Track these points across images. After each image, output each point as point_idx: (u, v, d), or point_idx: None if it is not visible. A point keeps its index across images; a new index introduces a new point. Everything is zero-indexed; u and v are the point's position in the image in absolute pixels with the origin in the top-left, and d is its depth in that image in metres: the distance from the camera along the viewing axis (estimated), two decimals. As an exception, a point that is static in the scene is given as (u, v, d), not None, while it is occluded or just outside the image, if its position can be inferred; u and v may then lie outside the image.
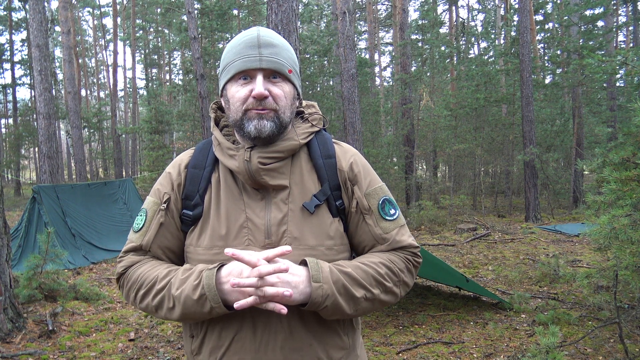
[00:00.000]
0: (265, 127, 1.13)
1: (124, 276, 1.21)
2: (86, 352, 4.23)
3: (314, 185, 1.20)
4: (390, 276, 1.16)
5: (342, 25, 10.94)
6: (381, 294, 1.15)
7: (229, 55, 1.18)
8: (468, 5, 27.36)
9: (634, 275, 3.61)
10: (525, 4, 11.78)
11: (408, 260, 1.22)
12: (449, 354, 4.04)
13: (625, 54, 4.92)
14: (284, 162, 1.19)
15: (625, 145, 3.83)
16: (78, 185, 8.98)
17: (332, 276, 1.08)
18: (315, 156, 1.23)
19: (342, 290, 1.08)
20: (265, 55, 1.14)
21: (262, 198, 1.18)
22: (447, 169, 22.05)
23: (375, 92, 23.67)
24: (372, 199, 1.22)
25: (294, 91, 1.21)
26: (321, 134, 1.28)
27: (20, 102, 27.40)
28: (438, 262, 4.77)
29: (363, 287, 1.11)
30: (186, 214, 1.22)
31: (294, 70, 1.20)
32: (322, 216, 1.18)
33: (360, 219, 1.21)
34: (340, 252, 1.18)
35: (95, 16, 32.30)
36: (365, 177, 1.24)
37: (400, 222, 1.24)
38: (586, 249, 8.06)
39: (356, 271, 1.12)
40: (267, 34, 1.17)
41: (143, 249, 1.22)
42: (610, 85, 16.32)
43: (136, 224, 1.24)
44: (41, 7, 10.59)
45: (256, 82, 1.13)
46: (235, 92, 1.16)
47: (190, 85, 16.21)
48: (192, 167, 1.25)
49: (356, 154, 1.29)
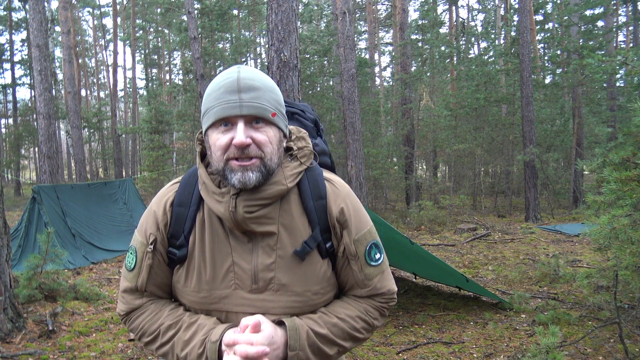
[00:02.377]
0: (251, 180, 1.07)
1: (127, 319, 1.26)
2: (86, 352, 4.23)
3: (304, 229, 1.17)
4: (365, 328, 1.22)
5: (342, 25, 10.94)
6: (352, 344, 1.21)
7: (209, 100, 1.11)
8: (468, 5, 27.35)
9: (634, 275, 3.61)
10: (525, 4, 11.78)
11: (383, 308, 1.26)
12: (449, 354, 4.04)
13: (625, 54, 4.92)
14: (271, 207, 1.14)
15: (625, 145, 3.83)
16: (78, 185, 8.98)
17: (308, 340, 1.11)
18: (306, 198, 1.18)
19: (316, 351, 1.13)
20: (246, 101, 1.07)
21: (249, 241, 1.15)
22: (447, 169, 22.05)
23: (375, 92, 23.66)
24: (360, 245, 1.20)
25: (280, 134, 1.13)
26: (312, 170, 1.21)
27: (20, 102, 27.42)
28: (438, 262, 4.77)
29: (336, 345, 1.17)
30: (172, 252, 1.21)
31: (279, 112, 1.12)
32: (311, 262, 1.17)
33: (346, 263, 1.21)
34: (326, 294, 1.21)
35: (95, 16, 32.32)
36: (356, 223, 1.21)
37: (384, 267, 1.25)
38: (586, 249, 8.06)
39: (332, 330, 1.16)
40: (248, 75, 1.09)
41: (139, 290, 1.23)
42: (610, 85, 16.31)
43: (128, 263, 1.24)
44: (41, 7, 10.59)
45: (237, 129, 1.06)
46: (216, 140, 1.09)
47: (190, 85, 16.21)
48: (177, 205, 1.20)
49: (348, 195, 1.23)
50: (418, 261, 4.97)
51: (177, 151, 19.86)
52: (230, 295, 1.15)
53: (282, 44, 5.72)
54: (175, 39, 22.38)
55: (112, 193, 9.29)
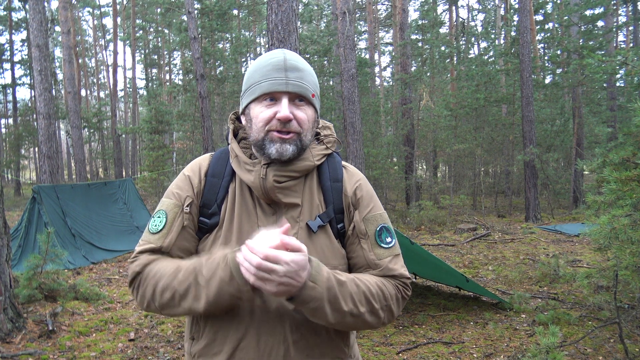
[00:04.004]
0: (288, 151, 1.17)
1: (141, 274, 1.17)
2: (86, 352, 4.23)
3: (320, 206, 1.24)
4: (380, 298, 1.17)
5: (342, 25, 10.94)
6: (367, 313, 1.15)
7: (255, 76, 1.21)
8: (468, 5, 27.37)
9: (634, 275, 3.61)
10: (525, 4, 11.78)
11: (398, 290, 1.23)
12: (449, 354, 4.04)
13: (625, 54, 4.92)
14: (297, 181, 1.22)
15: (625, 145, 3.83)
16: (78, 185, 8.98)
17: (328, 282, 1.09)
18: (324, 178, 1.26)
19: (331, 299, 1.09)
20: (292, 79, 1.17)
21: (274, 213, 1.21)
22: (447, 169, 22.06)
23: (375, 92, 23.67)
24: (370, 225, 1.24)
25: (315, 114, 1.24)
26: (332, 157, 1.31)
27: (20, 102, 27.45)
28: (438, 262, 4.77)
29: (352, 301, 1.12)
30: (203, 222, 1.23)
31: (317, 94, 1.24)
32: (325, 237, 1.21)
33: (356, 242, 1.23)
34: (342, 272, 1.20)
35: (95, 16, 32.31)
36: (368, 203, 1.26)
37: (396, 251, 1.25)
38: (586, 249, 8.06)
39: (350, 284, 1.13)
40: (293, 57, 1.21)
41: (163, 251, 1.20)
42: (610, 85, 16.31)
43: (154, 226, 1.22)
44: (41, 7, 10.59)
45: (282, 104, 1.16)
46: (260, 113, 1.18)
47: (190, 85, 16.22)
48: (210, 176, 1.27)
49: (362, 179, 1.31)
50: (418, 261, 4.97)
51: (177, 151, 19.83)
52: None
53: (282, 44, 5.73)
54: (175, 39, 22.38)
55: (112, 193, 9.29)
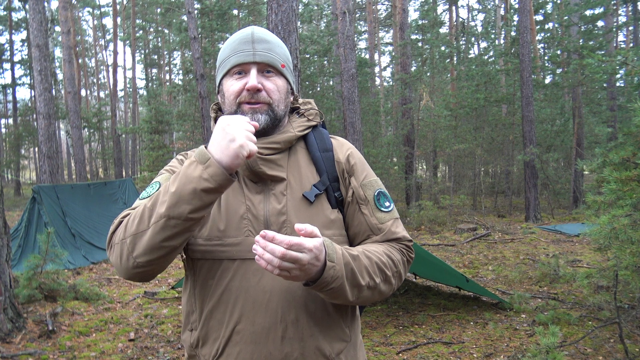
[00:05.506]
0: (260, 121, 1.17)
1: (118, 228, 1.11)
2: (86, 352, 4.23)
3: (312, 177, 1.23)
4: (390, 265, 1.17)
5: (342, 25, 10.94)
6: (382, 283, 1.15)
7: (225, 52, 1.24)
8: (468, 5, 27.40)
9: (634, 275, 3.61)
10: (525, 4, 11.78)
11: (403, 253, 1.23)
12: (449, 354, 4.04)
13: (625, 54, 4.92)
14: (281, 155, 1.22)
15: (625, 145, 3.83)
16: (78, 185, 8.98)
17: (344, 259, 1.07)
18: (313, 149, 1.26)
19: (349, 275, 1.07)
20: (259, 50, 1.19)
21: (261, 191, 1.20)
22: (447, 169, 22.05)
23: (375, 92, 23.67)
24: (369, 190, 1.25)
25: (287, 86, 1.25)
26: (318, 130, 1.31)
27: (20, 102, 27.48)
28: (438, 262, 4.77)
29: (367, 273, 1.11)
30: None
31: (287, 66, 1.25)
32: (321, 206, 1.20)
33: (356, 209, 1.23)
34: (339, 243, 1.18)
35: (95, 16, 32.30)
36: (362, 169, 1.28)
37: (395, 214, 1.26)
38: (586, 249, 8.06)
39: (362, 256, 1.12)
40: (260, 31, 1.23)
41: None
42: (610, 85, 16.31)
43: (145, 193, 1.19)
44: (41, 7, 10.59)
45: (250, 75, 1.18)
46: (230, 86, 1.21)
47: (190, 85, 16.21)
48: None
49: (352, 147, 1.33)
50: (418, 261, 4.97)
51: (177, 151, 19.83)
52: (242, 243, 1.15)
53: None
54: (175, 39, 22.37)
55: (112, 193, 9.29)
